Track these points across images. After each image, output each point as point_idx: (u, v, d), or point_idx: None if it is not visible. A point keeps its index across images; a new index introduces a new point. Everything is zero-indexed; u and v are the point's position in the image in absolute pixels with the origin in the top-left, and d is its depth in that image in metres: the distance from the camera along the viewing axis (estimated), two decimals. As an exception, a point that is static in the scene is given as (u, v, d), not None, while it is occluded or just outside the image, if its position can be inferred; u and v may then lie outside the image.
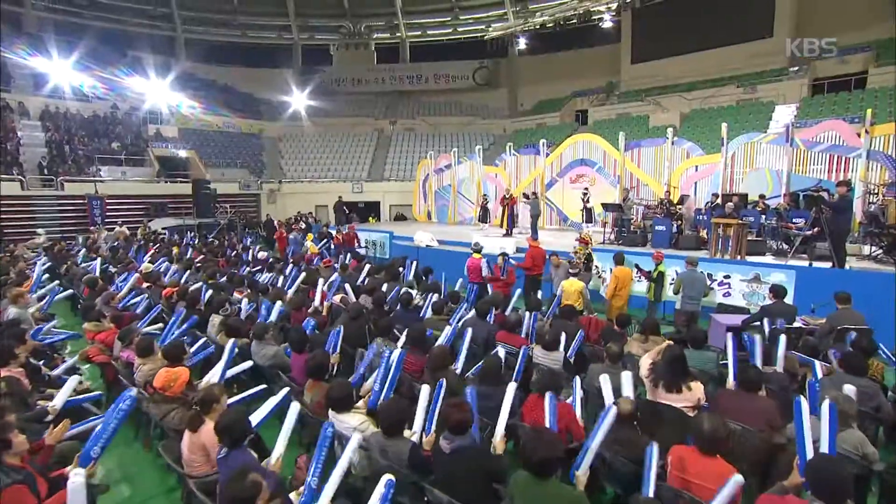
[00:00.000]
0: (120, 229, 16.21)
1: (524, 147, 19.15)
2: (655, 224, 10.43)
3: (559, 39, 26.78)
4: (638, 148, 14.11)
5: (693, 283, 6.65)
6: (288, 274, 9.00)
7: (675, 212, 10.72)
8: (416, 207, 22.43)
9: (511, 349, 5.13)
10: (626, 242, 10.76)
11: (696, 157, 13.13)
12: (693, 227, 10.81)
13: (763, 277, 7.80)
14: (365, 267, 9.30)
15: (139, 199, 19.85)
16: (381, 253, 14.70)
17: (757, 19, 20.19)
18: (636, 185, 13.96)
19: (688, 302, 6.66)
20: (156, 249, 12.21)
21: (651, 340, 4.71)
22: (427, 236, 13.07)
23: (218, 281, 8.63)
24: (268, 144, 28.68)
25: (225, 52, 31.03)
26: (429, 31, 32.29)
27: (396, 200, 25.21)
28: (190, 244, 14.00)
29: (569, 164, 15.67)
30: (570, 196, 15.21)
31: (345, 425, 3.52)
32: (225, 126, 27.57)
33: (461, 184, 19.60)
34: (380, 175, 26.78)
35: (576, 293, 6.94)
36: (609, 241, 11.31)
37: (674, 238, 10.25)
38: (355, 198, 24.54)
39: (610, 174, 14.53)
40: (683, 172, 13.09)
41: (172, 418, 3.72)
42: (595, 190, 14.39)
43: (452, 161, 19.78)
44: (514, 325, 5.27)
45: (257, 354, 5.07)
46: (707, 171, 12.78)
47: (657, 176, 13.59)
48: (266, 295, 7.25)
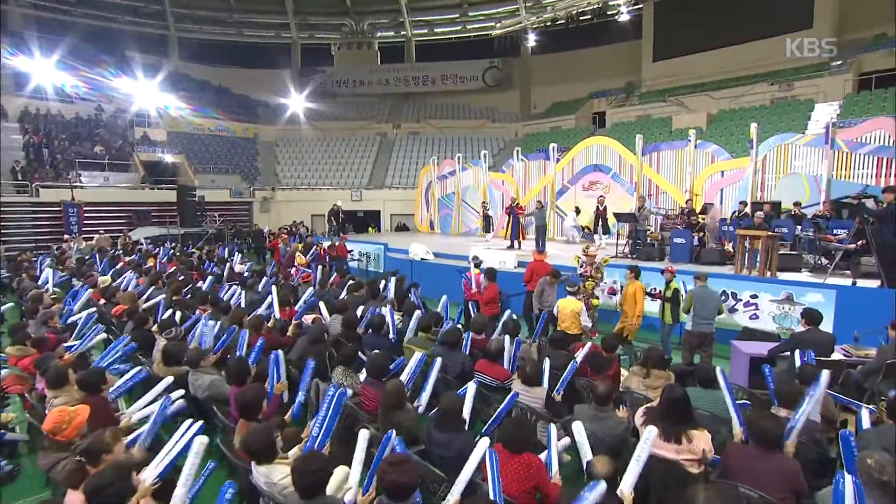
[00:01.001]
0: (99, 237, 16.07)
1: (535, 152, 18.75)
2: (674, 236, 9.95)
3: (574, 36, 26.54)
4: (657, 152, 13.72)
5: (705, 300, 6.26)
6: (261, 290, 8.65)
7: (696, 222, 10.20)
8: (419, 217, 22.21)
9: (492, 382, 4.69)
10: (642, 256, 10.31)
11: (723, 161, 12.67)
12: (717, 239, 10.31)
13: (797, 298, 7.28)
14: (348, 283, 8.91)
15: (121, 206, 19.84)
16: (376, 266, 14.50)
17: (794, 10, 19.54)
18: (655, 192, 13.47)
19: (700, 322, 6.24)
20: (128, 261, 11.98)
21: (654, 375, 4.20)
22: (422, 249, 12.76)
23: (183, 297, 8.37)
24: (263, 149, 28.80)
25: (219, 52, 31.30)
26: (436, 29, 32.29)
27: (398, 209, 25.02)
28: (168, 255, 13.77)
29: (581, 171, 15.33)
30: (582, 205, 14.77)
31: (264, 480, 3.08)
32: (217, 129, 27.74)
33: (466, 192, 19.32)
34: (381, 182, 26.67)
35: (571, 315, 6.49)
36: (623, 255, 10.82)
37: (695, 252, 9.79)
38: (354, 206, 24.38)
39: (626, 181, 14.12)
40: (708, 178, 12.65)
41: (60, 471, 3.27)
42: (610, 199, 13.98)
43: (456, 167, 19.54)
44: (497, 354, 4.79)
45: (193, 385, 4.68)
46: (734, 176, 12.30)
47: (678, 183, 13.14)
48: (227, 314, 6.86)
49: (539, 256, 8.50)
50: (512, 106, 30.58)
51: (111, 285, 8.64)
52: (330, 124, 30.06)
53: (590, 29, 25.45)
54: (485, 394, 4.58)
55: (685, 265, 9.23)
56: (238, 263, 12.18)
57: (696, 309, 6.25)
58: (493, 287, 7.74)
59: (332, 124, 30.10)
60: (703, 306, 6.21)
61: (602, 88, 26.40)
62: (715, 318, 6.27)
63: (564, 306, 6.57)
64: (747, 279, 7.91)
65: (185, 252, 14.89)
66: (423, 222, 21.77)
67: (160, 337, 5.85)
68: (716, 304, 6.27)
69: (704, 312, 6.21)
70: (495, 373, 4.70)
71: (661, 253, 10.22)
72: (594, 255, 7.72)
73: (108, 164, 20.73)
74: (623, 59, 25.74)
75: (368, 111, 31.83)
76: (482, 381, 4.70)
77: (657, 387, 4.09)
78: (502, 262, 10.44)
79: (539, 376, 4.22)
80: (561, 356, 4.83)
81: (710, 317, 6.22)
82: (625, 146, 14.61)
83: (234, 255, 13.08)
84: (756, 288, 7.64)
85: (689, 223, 10.27)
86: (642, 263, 9.39)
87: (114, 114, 23.52)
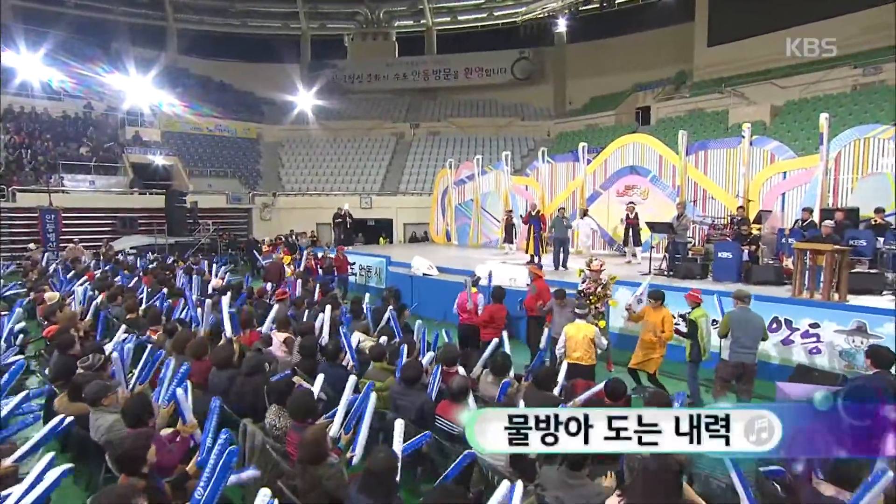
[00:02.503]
0: (72, 247, 16.25)
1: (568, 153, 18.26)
2: (717, 250, 9.32)
3: (616, 20, 26.28)
4: (704, 150, 13.12)
5: (745, 324, 5.83)
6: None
7: (747, 232, 9.50)
8: (434, 226, 21.97)
9: (454, 429, 4.21)
10: (679, 274, 9.70)
11: (785, 160, 11.95)
12: (775, 253, 9.59)
13: (872, 329, 6.58)
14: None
15: (106, 213, 20.17)
16: (378, 282, 14.32)
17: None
18: (702, 198, 12.84)
19: (738, 350, 5.79)
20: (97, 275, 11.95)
21: None
22: (424, 263, 12.54)
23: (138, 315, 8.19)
24: (266, 151, 29.22)
25: (222, 45, 32.16)
26: (459, 17, 32.43)
27: (413, 218, 24.88)
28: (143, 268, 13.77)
29: (615, 173, 14.82)
30: (616, 213, 14.23)
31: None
32: (217, 129, 28.26)
33: (485, 198, 18.98)
34: (395, 187, 26.61)
35: (585, 342, 6.01)
36: (657, 272, 10.16)
37: (744, 269, 9.16)
38: (363, 214, 24.32)
39: (667, 185, 13.54)
40: (766, 181, 11.97)
41: None
42: (649, 205, 13.49)
43: (475, 170, 19.21)
44: (460, 393, 4.29)
45: (93, 426, 4.33)
46: (800, 178, 11.55)
47: (729, 187, 12.51)
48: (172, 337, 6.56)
49: (539, 272, 8.04)
50: (544, 102, 30.40)
51: (56, 303, 8.49)
52: (341, 124, 30.36)
53: (633, 11, 25.13)
54: (444, 445, 4.11)
55: (731, 285, 8.57)
56: (215, 277, 12.01)
57: (735, 333, 5.82)
58: (496, 308, 7.21)
59: (343, 124, 30.39)
60: (743, 332, 5.78)
61: (647, 80, 26.03)
62: (757, 348, 5.84)
63: (574, 333, 6.09)
64: (807, 304, 7.25)
65: (164, 264, 14.87)
66: (438, 233, 21.55)
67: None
68: (759, 331, 5.82)
69: (745, 340, 5.77)
70: (458, 417, 4.18)
71: (703, 270, 9.64)
72: (598, 269, 7.20)
73: (94, 167, 21.20)
74: (672, 46, 25.34)
75: (384, 109, 32.04)
76: (442, 428, 4.24)
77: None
78: (512, 278, 9.96)
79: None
80: (545, 400, 4.27)
81: (752, 345, 5.77)
82: (666, 144, 14.07)
83: (213, 268, 12.91)
84: (818, 315, 6.95)
85: (739, 234, 9.60)
86: (677, 283, 8.97)
87: (105, 112, 24.18)
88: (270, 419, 4.43)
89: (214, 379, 5.35)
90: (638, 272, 10.63)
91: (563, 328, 6.31)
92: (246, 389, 5.00)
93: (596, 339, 6.05)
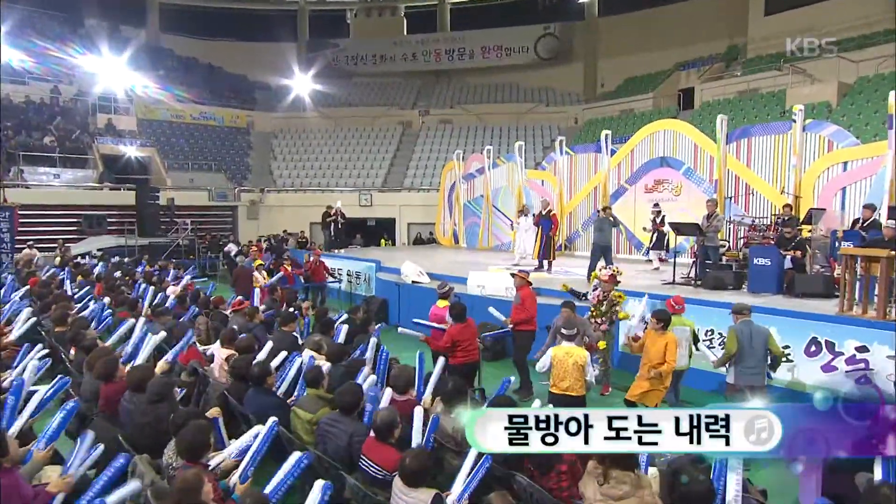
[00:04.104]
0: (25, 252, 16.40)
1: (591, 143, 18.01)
2: (753, 255, 8.96)
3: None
4: (747, 138, 12.80)
5: (753, 341, 5.87)
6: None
7: (791, 235, 9.04)
8: (440, 227, 22.02)
9: (378, 472, 3.95)
10: (708, 284, 9.34)
11: (846, 147, 11.52)
12: (826, 260, 9.08)
13: None
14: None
15: (71, 210, 20.37)
16: (367, 289, 14.43)
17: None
18: (744, 194, 12.62)
19: (745, 371, 5.86)
20: (41, 282, 11.96)
21: (614, 479, 3.27)
22: (414, 270, 12.52)
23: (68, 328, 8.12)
24: (257, 142, 29.42)
25: (210, 22, 32.55)
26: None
27: (419, 217, 24.84)
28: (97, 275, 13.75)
29: (643, 166, 14.71)
30: (643, 212, 14.05)
31: None
32: (202, 117, 28.53)
33: (497, 194, 18.90)
34: (400, 182, 26.56)
35: (575, 370, 5.73)
36: (685, 279, 9.84)
37: (787, 277, 8.77)
38: (362, 213, 24.32)
39: (704, 179, 13.30)
40: (822, 173, 11.55)
41: None
42: (683, 202, 13.37)
43: (486, 163, 19.13)
44: (386, 429, 3.98)
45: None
46: (865, 169, 11.07)
47: (778, 181, 12.10)
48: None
49: (525, 277, 7.73)
50: (572, 84, 30.31)
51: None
52: (342, 111, 30.57)
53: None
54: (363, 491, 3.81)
55: (770, 298, 8.29)
56: (172, 284, 11.91)
57: (743, 353, 5.83)
58: (459, 329, 6.72)
59: (344, 111, 30.60)
60: (750, 350, 5.84)
61: (691, 57, 25.72)
62: (765, 367, 5.96)
63: (562, 358, 5.81)
64: (854, 322, 6.86)
65: (127, 269, 14.84)
66: (445, 234, 21.63)
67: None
68: (765, 346, 5.88)
69: (752, 360, 5.83)
70: (383, 458, 3.94)
71: (737, 280, 9.30)
72: (611, 278, 6.85)
73: (59, 159, 21.45)
74: (722, 16, 25.08)
75: (390, 94, 32.20)
76: (366, 470, 4.01)
77: (619, 498, 3.23)
78: (508, 287, 9.65)
79: (425, 471, 3.38)
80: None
81: (759, 365, 5.86)
82: (708, 131, 13.84)
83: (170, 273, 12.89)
84: (867, 336, 6.60)
85: (782, 237, 9.15)
86: (704, 295, 8.66)
87: (73, 97, 24.54)
88: (168, 458, 4.22)
89: (128, 405, 5.13)
90: (660, 280, 10.29)
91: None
92: (146, 420, 4.77)
93: (587, 367, 5.80)
